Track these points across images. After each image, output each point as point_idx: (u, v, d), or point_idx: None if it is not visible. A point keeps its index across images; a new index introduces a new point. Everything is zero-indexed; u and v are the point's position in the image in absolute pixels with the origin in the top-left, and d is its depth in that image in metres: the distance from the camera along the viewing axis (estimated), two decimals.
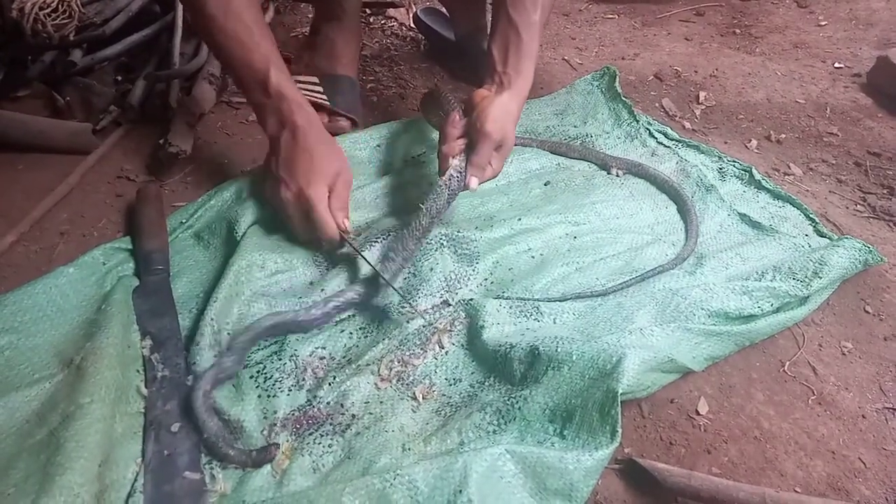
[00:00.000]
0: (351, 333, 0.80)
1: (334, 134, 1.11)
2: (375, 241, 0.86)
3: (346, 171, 0.89)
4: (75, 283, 0.82)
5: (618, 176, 1.08)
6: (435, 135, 1.13)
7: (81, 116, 1.15)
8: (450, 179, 0.85)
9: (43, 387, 0.70)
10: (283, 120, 0.87)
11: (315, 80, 1.13)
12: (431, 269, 0.85)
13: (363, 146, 1.10)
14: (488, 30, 1.39)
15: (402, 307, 0.81)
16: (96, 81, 1.19)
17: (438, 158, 0.89)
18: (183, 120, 1.10)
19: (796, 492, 0.68)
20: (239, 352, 0.73)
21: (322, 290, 0.83)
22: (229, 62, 0.90)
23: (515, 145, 1.12)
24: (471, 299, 0.83)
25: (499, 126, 0.86)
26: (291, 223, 0.87)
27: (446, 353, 0.78)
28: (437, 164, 0.90)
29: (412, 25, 1.55)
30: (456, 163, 0.86)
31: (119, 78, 1.25)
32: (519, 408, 0.68)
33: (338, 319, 0.81)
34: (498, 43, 0.95)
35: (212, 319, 0.76)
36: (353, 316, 0.82)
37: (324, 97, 1.12)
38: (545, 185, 1.05)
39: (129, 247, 0.89)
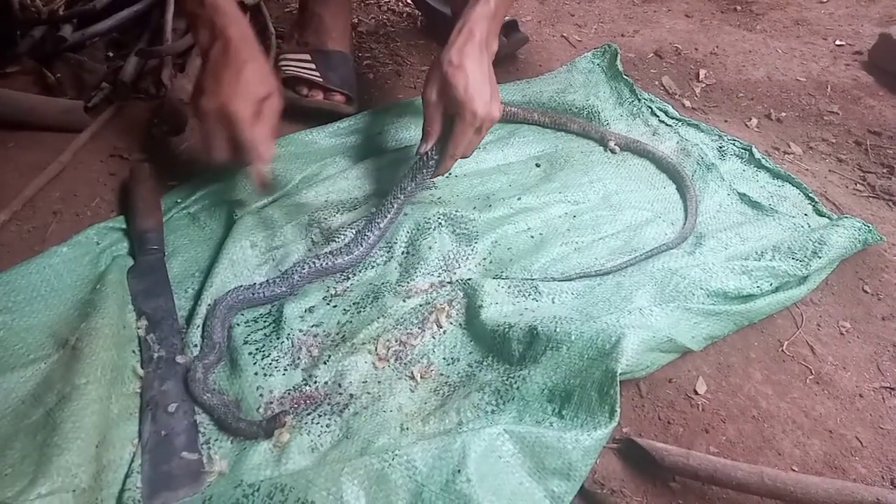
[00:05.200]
0: (345, 310, 0.79)
1: (329, 110, 1.10)
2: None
3: (276, 98, 0.85)
4: (69, 262, 0.81)
5: (613, 152, 1.07)
6: None
7: (73, 93, 1.12)
8: (416, 161, 0.88)
9: (38, 367, 0.69)
10: (216, 32, 0.82)
11: (307, 56, 1.11)
12: (430, 248, 0.85)
13: (362, 132, 1.09)
14: None
15: (399, 286, 0.81)
16: (87, 58, 1.16)
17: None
18: (176, 97, 1.08)
19: (794, 470, 0.68)
20: (215, 333, 0.74)
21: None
22: None
23: (517, 121, 1.12)
24: (469, 279, 0.82)
25: (430, 86, 0.84)
26: (207, 138, 0.82)
27: (444, 332, 0.77)
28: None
29: (408, 1, 1.53)
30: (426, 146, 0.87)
31: (110, 54, 1.22)
32: (517, 388, 0.68)
33: (329, 294, 0.81)
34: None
35: (208, 304, 0.77)
36: (348, 291, 0.82)
37: (316, 74, 1.10)
38: (537, 166, 1.04)
39: (123, 226, 0.88)
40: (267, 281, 0.80)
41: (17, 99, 1.06)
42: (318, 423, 0.68)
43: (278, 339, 0.75)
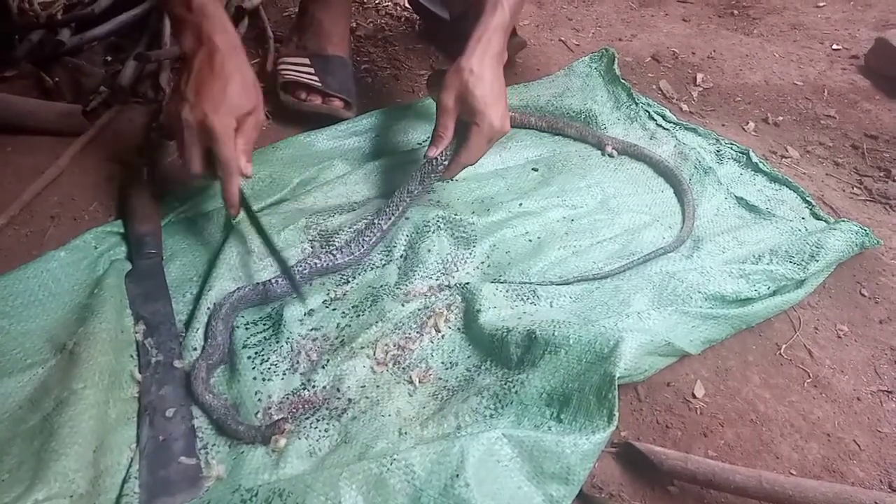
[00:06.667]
0: (344, 313, 0.79)
1: (328, 115, 1.10)
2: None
3: (259, 111, 0.83)
4: (67, 267, 0.81)
5: (611, 156, 1.07)
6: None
7: (71, 97, 1.12)
8: (425, 164, 0.88)
9: (35, 372, 0.69)
10: (202, 38, 0.78)
11: (306, 61, 1.11)
12: (429, 251, 0.85)
13: (361, 135, 1.09)
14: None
15: (398, 288, 0.81)
16: (85, 62, 1.16)
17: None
18: None
19: (792, 474, 0.68)
20: (219, 334, 0.73)
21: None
22: None
23: (514, 126, 1.11)
24: (467, 283, 0.82)
25: (449, 93, 0.84)
26: (184, 151, 0.79)
27: (443, 336, 0.77)
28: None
29: (406, 5, 1.53)
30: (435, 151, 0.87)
31: (109, 58, 1.23)
32: (516, 392, 0.68)
33: (329, 298, 0.81)
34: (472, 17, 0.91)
35: (208, 308, 0.76)
36: (347, 294, 0.82)
37: (315, 78, 1.10)
38: (535, 171, 1.04)
39: (121, 230, 0.88)
40: (269, 280, 0.80)
41: (15, 103, 1.05)
42: (316, 428, 0.67)
43: (277, 342, 0.75)
